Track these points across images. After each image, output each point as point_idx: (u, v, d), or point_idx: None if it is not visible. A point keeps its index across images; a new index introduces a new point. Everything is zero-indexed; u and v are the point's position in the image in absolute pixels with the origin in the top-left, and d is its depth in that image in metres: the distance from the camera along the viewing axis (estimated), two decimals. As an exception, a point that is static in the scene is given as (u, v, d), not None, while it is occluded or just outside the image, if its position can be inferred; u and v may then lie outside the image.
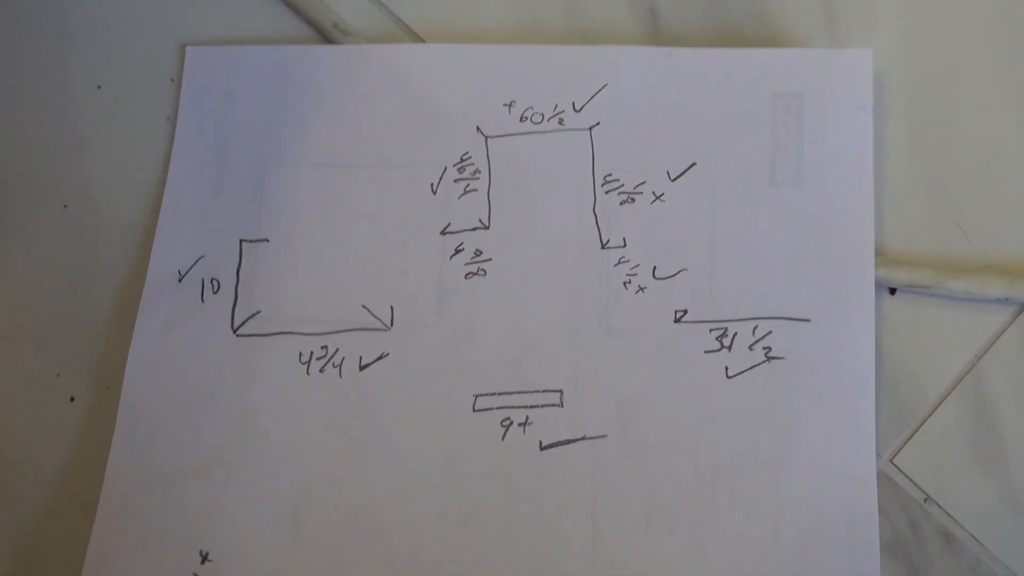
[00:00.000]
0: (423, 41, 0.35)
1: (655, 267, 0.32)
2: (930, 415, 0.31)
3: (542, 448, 0.31)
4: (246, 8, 0.36)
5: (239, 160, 0.34)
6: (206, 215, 0.33)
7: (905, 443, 0.31)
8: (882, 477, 0.31)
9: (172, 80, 0.35)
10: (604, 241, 0.32)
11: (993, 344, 0.32)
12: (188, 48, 0.35)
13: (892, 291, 0.32)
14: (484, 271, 0.32)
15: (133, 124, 0.35)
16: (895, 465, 0.31)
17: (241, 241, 0.33)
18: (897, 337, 0.32)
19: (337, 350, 0.32)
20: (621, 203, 0.33)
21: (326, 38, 0.35)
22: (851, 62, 0.33)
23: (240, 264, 0.33)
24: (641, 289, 0.32)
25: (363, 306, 0.32)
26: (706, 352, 0.31)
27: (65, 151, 0.35)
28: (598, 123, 0.33)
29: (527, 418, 0.31)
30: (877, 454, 0.30)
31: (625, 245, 0.32)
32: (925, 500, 0.31)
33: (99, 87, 0.35)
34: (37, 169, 0.35)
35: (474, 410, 0.31)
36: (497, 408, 0.31)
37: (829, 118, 0.32)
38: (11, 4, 0.36)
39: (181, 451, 0.31)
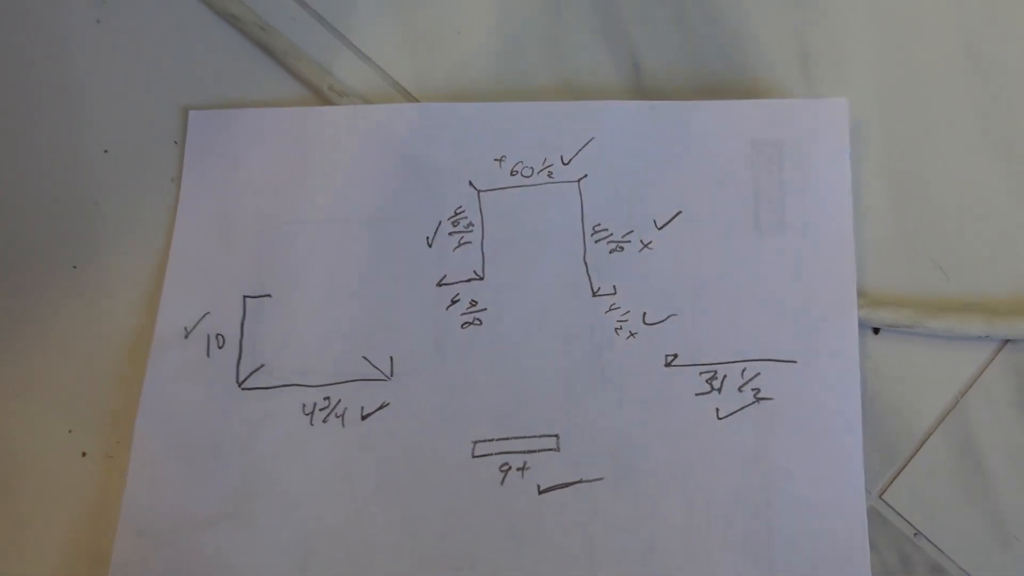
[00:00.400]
0: (416, 100, 0.36)
1: (645, 313, 0.33)
2: (917, 451, 0.32)
3: (540, 492, 0.32)
4: (246, 73, 0.37)
5: (242, 218, 0.35)
6: (210, 272, 0.35)
7: (893, 479, 0.32)
8: (872, 513, 0.32)
9: (176, 143, 0.36)
10: (595, 289, 0.33)
11: (976, 380, 0.33)
12: (191, 112, 0.36)
13: (876, 331, 0.33)
14: (480, 320, 0.33)
15: (139, 186, 0.36)
16: (884, 501, 0.32)
17: (244, 297, 0.34)
18: (882, 376, 0.33)
19: (339, 400, 0.33)
20: (610, 252, 0.34)
21: (324, 99, 0.36)
22: (828, 111, 0.34)
23: (244, 319, 0.34)
24: (632, 335, 0.33)
25: (364, 357, 0.33)
26: (697, 394, 0.32)
27: (74, 213, 0.36)
28: (586, 175, 0.34)
29: (525, 463, 0.32)
30: (867, 491, 0.31)
31: (615, 292, 0.33)
32: (915, 535, 0.32)
33: (106, 151, 0.37)
34: (47, 231, 0.36)
35: (473, 456, 0.32)
36: (496, 454, 0.32)
37: (808, 166, 0.34)
38: (21, 73, 0.37)
39: (191, 502, 0.32)
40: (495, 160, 0.35)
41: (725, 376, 0.32)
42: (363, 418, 0.33)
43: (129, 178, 0.36)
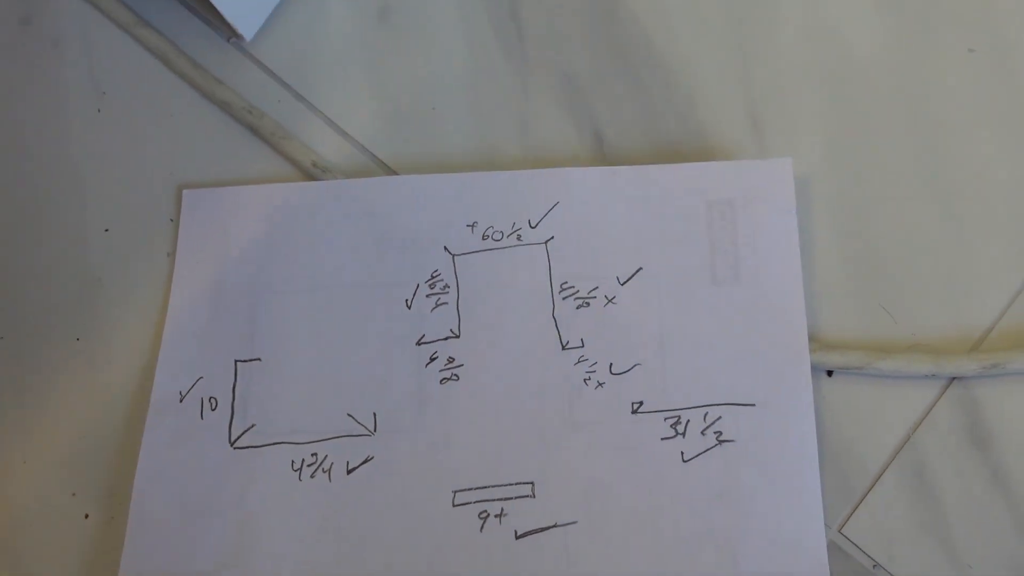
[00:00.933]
0: (395, 173, 0.39)
1: (611, 364, 0.35)
2: (873, 486, 0.34)
3: (517, 537, 0.34)
4: (236, 152, 0.40)
5: (232, 288, 0.37)
6: (204, 339, 0.37)
7: (852, 514, 0.34)
8: (832, 547, 0.33)
9: (171, 220, 0.39)
10: (564, 343, 0.36)
11: (926, 417, 0.35)
12: (184, 191, 0.39)
13: (829, 373, 0.35)
14: (457, 376, 0.36)
15: (137, 262, 0.39)
16: (844, 535, 0.34)
17: (236, 361, 0.36)
18: (837, 415, 0.35)
19: (326, 456, 0.35)
20: (577, 307, 0.36)
21: (308, 175, 0.39)
22: (774, 171, 0.36)
23: (235, 382, 0.36)
24: (600, 385, 0.35)
25: (348, 414, 0.36)
26: (662, 439, 0.34)
27: (77, 288, 0.39)
28: (552, 237, 0.37)
29: (502, 510, 0.34)
30: (826, 525, 0.33)
31: (583, 345, 0.36)
32: (874, 567, 0.33)
33: (106, 230, 0.39)
34: (52, 307, 0.38)
35: (453, 505, 0.34)
36: (475, 502, 0.34)
37: (759, 221, 0.36)
38: (27, 160, 0.40)
39: (187, 559, 0.34)
40: (468, 226, 0.37)
41: (688, 421, 0.34)
42: (349, 472, 0.35)
43: (128, 254, 0.39)
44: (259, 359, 0.36)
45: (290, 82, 0.41)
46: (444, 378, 0.36)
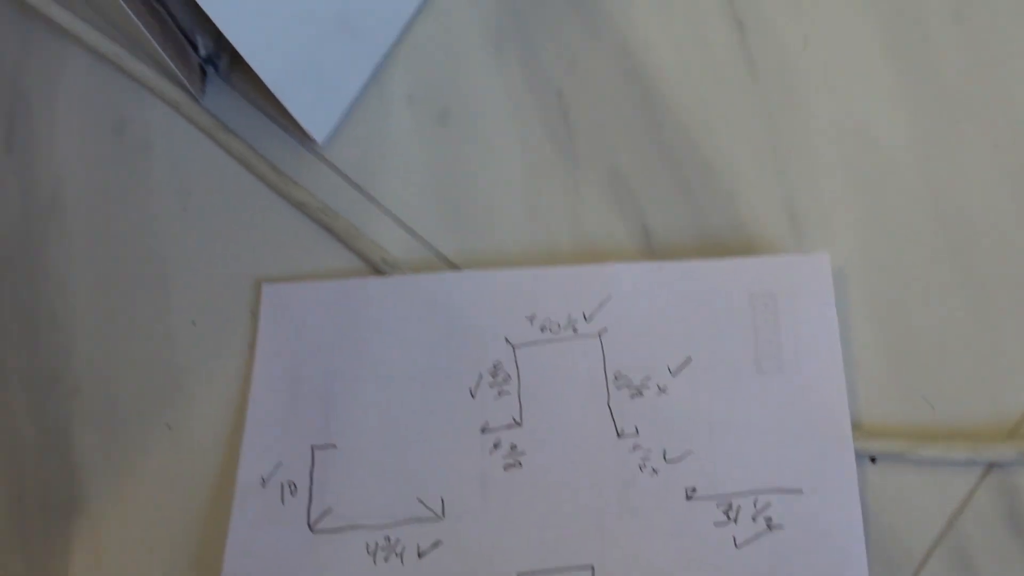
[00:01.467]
0: (458, 268, 0.42)
1: (665, 451, 0.37)
2: (919, 571, 0.36)
3: (579, 618, 0.36)
4: (311, 249, 0.43)
5: (309, 378, 0.40)
6: (282, 427, 0.40)
7: (898, 597, 0.35)
8: (880, 630, 0.35)
9: (252, 313, 0.42)
10: (619, 431, 0.38)
11: (967, 503, 0.36)
12: (264, 285, 0.42)
13: (873, 460, 0.37)
14: (520, 463, 0.38)
15: (221, 352, 0.42)
16: (891, 618, 0.35)
17: (313, 448, 0.39)
18: (881, 501, 0.36)
19: (399, 540, 0.37)
20: (631, 397, 0.38)
21: (377, 270, 0.42)
22: (812, 265, 0.39)
23: (312, 468, 0.39)
24: (655, 472, 0.37)
25: (418, 499, 0.38)
26: (715, 524, 0.36)
27: (167, 379, 0.42)
28: (606, 329, 0.39)
29: (565, 592, 0.36)
30: (874, 608, 0.35)
31: (638, 433, 0.38)
32: (921, 649, 0.35)
33: (193, 322, 0.43)
34: (144, 396, 0.41)
35: (518, 586, 0.36)
36: (538, 584, 0.36)
37: (800, 313, 0.38)
38: (119, 258, 0.44)
39: (269, 636, 0.37)
40: (527, 318, 0.40)
41: (740, 507, 0.36)
42: (419, 556, 0.37)
43: (213, 346, 0.42)
44: (334, 445, 0.39)
45: (359, 182, 0.44)
46: (508, 464, 0.38)
